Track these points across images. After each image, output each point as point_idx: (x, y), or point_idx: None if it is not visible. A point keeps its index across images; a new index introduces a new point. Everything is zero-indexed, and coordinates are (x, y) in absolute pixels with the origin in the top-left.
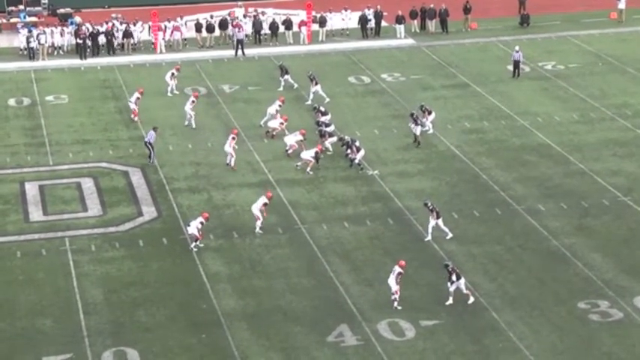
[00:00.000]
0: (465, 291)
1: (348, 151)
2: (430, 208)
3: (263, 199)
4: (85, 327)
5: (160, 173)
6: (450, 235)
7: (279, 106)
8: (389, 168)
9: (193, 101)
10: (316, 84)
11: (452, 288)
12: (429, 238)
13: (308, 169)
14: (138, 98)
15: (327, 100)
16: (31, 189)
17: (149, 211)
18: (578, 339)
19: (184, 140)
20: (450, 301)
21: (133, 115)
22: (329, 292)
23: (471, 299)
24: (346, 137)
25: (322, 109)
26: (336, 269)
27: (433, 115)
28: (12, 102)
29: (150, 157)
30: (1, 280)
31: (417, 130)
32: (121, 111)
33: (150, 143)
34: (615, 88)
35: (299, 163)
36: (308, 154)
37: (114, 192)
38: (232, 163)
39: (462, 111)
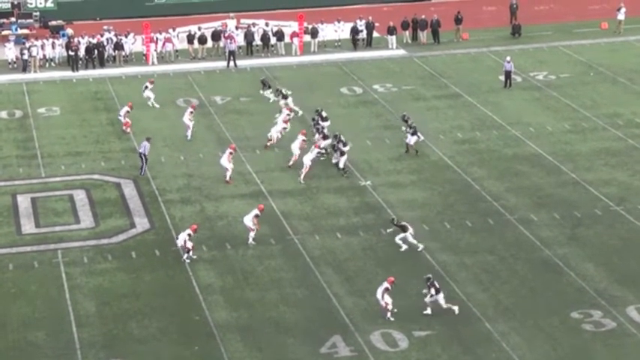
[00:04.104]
0: (444, 306)
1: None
2: (396, 224)
3: (255, 211)
4: (77, 339)
5: (153, 185)
6: (421, 247)
7: (287, 115)
8: (381, 178)
9: (191, 112)
10: (284, 98)
11: (428, 299)
12: (420, 247)
13: (301, 177)
14: (127, 112)
15: (300, 112)
16: (23, 201)
17: (141, 223)
18: (571, 349)
19: (176, 152)
20: (428, 310)
21: (124, 127)
22: (322, 303)
23: (456, 309)
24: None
25: (324, 114)
26: (328, 280)
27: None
28: (4, 114)
29: (141, 168)
30: None
31: (412, 140)
32: (113, 123)
33: (144, 154)
34: (607, 98)
35: (301, 177)
36: (308, 158)
37: (106, 204)
38: (227, 177)
39: (454, 121)
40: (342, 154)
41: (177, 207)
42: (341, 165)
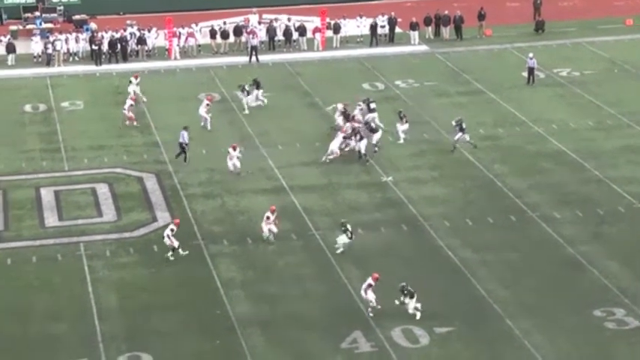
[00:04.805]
0: (410, 311)
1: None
2: (343, 228)
3: (267, 214)
4: (99, 332)
5: (174, 179)
6: (341, 250)
7: (359, 104)
8: (402, 174)
9: (207, 104)
10: (248, 94)
11: (412, 310)
12: (341, 250)
13: (327, 157)
14: (131, 105)
15: (247, 112)
16: (47, 194)
17: (163, 217)
18: (593, 347)
19: (198, 146)
20: (418, 315)
21: (129, 122)
22: (343, 299)
23: (418, 315)
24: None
25: (372, 105)
26: (349, 275)
27: (407, 125)
28: (28, 108)
29: (181, 156)
30: (17, 285)
31: (461, 136)
32: (136, 117)
33: (186, 144)
34: (631, 95)
35: (330, 157)
36: (335, 145)
37: (128, 197)
38: (239, 170)
39: (477, 118)
40: (361, 138)
41: (199, 201)
42: (362, 150)
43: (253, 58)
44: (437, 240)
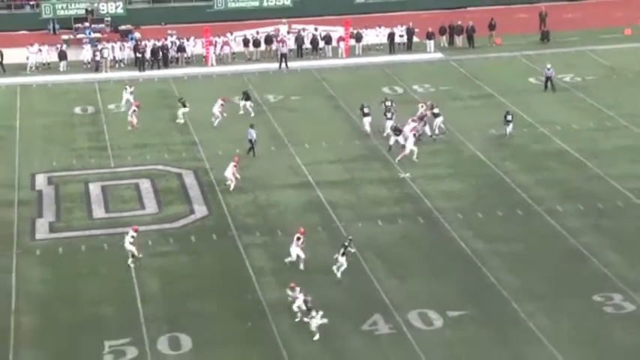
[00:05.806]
0: (312, 328)
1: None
2: (347, 249)
3: (297, 236)
4: (142, 315)
5: (210, 175)
6: (339, 276)
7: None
8: (420, 171)
9: (222, 104)
10: (247, 99)
11: (314, 324)
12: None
13: (414, 157)
14: (134, 111)
15: (253, 114)
16: (95, 189)
17: (200, 210)
18: (592, 329)
19: (232, 145)
20: (317, 336)
21: (130, 127)
22: (364, 285)
23: (317, 337)
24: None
25: (436, 110)
26: (370, 264)
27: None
28: (78, 110)
29: (253, 154)
30: (67, 272)
31: (509, 129)
32: (175, 118)
33: (255, 140)
34: (628, 99)
35: (400, 158)
36: (410, 143)
37: (169, 192)
38: (231, 187)
39: (487, 119)
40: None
41: (233, 196)
42: (391, 143)
43: (283, 65)
44: (451, 232)
